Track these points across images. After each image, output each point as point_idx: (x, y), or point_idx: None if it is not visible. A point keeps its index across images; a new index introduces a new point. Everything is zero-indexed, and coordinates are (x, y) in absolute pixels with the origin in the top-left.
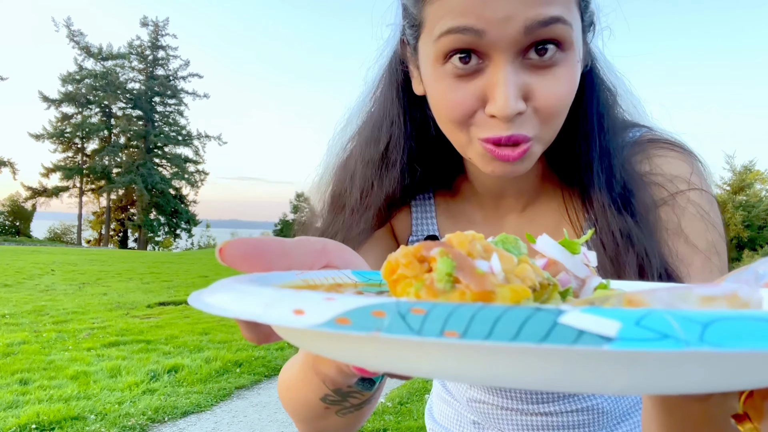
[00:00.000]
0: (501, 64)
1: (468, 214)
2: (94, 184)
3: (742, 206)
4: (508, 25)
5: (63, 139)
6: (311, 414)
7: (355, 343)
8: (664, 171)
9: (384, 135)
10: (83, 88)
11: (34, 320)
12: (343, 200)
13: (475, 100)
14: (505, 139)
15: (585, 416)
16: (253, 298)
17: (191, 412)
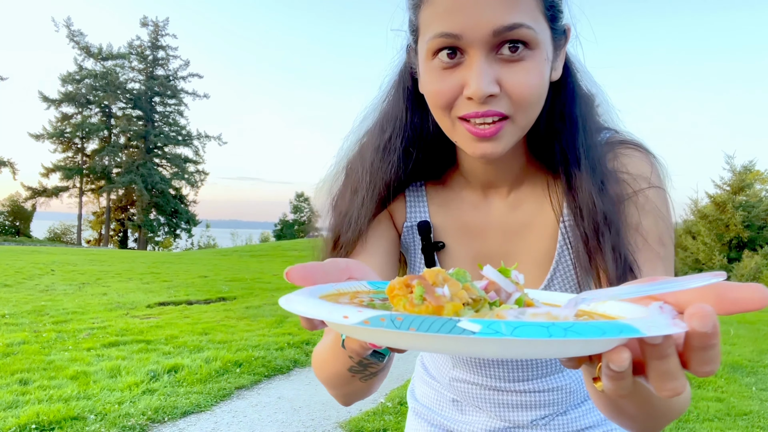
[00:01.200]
0: (476, 57)
1: (457, 200)
2: (94, 184)
3: (742, 206)
4: (479, 30)
5: (63, 139)
6: (341, 381)
7: (371, 332)
8: (630, 169)
9: (389, 126)
10: (83, 88)
11: (34, 320)
12: (356, 177)
13: (456, 87)
14: (482, 113)
15: (555, 395)
16: (321, 307)
17: (191, 412)
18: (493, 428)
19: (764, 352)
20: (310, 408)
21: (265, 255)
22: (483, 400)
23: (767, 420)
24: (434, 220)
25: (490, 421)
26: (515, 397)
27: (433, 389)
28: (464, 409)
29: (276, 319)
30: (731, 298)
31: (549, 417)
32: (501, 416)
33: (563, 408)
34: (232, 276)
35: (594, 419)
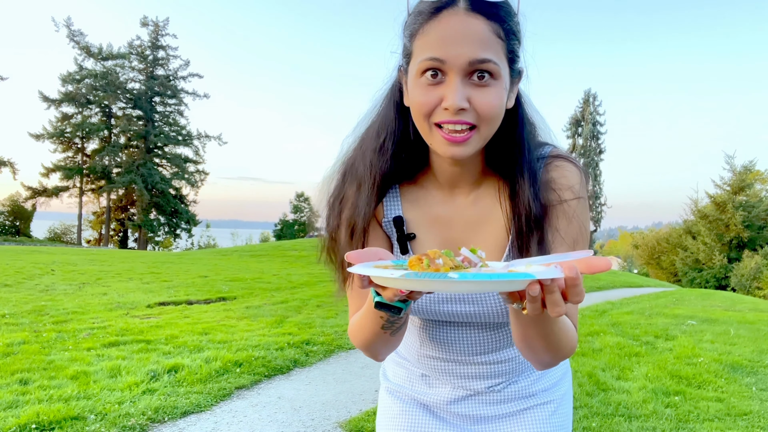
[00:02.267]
0: (453, 79)
1: (427, 197)
2: (94, 184)
3: (742, 206)
4: (459, 59)
5: (63, 139)
6: (376, 338)
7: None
8: (562, 180)
9: (383, 132)
10: (83, 88)
11: (34, 320)
12: (359, 174)
13: (437, 100)
14: (455, 121)
15: (507, 365)
16: (380, 272)
17: (191, 412)
18: (455, 397)
19: (764, 352)
20: (310, 408)
21: (265, 255)
22: (447, 372)
23: (767, 420)
24: (407, 215)
25: (454, 391)
26: (474, 368)
27: (404, 368)
28: (431, 382)
29: (276, 319)
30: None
31: (502, 384)
32: (462, 386)
33: (514, 377)
34: (232, 276)
35: (539, 387)
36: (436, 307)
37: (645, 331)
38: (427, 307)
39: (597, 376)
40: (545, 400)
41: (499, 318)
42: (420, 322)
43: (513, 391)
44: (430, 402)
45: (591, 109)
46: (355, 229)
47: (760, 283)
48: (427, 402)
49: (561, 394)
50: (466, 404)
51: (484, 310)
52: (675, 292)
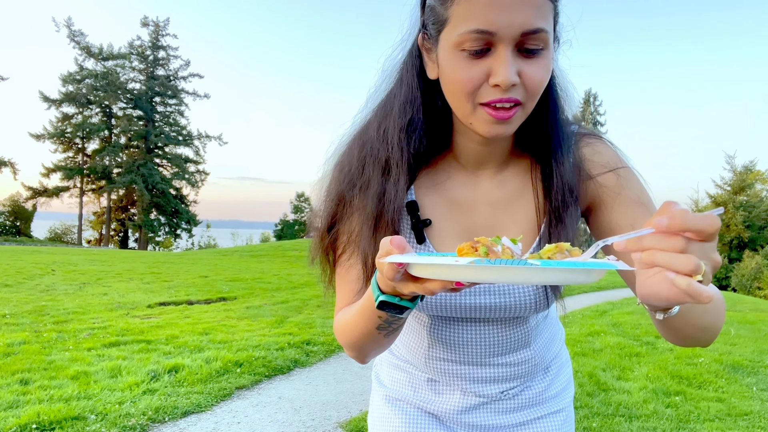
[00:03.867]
0: (504, 51)
1: (445, 180)
2: (94, 184)
3: (743, 206)
4: (511, 30)
5: (63, 139)
6: (367, 339)
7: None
8: (596, 157)
9: (409, 108)
10: (84, 88)
11: (35, 320)
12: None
13: (482, 75)
14: (506, 99)
15: (522, 367)
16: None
17: (191, 412)
18: (466, 405)
19: (765, 352)
20: (311, 408)
21: (266, 255)
22: (459, 376)
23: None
24: (421, 200)
25: (464, 399)
26: (489, 370)
27: (405, 372)
28: (439, 389)
29: (276, 319)
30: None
31: (516, 389)
32: (475, 391)
33: (529, 379)
34: (233, 276)
35: (551, 393)
36: (457, 301)
37: (646, 331)
38: (445, 302)
39: (597, 376)
40: (556, 409)
41: (527, 311)
42: (429, 321)
43: (526, 398)
44: (438, 411)
45: (591, 109)
46: (382, 220)
47: (760, 283)
48: (435, 411)
49: (568, 401)
50: (478, 413)
51: (513, 302)
52: None
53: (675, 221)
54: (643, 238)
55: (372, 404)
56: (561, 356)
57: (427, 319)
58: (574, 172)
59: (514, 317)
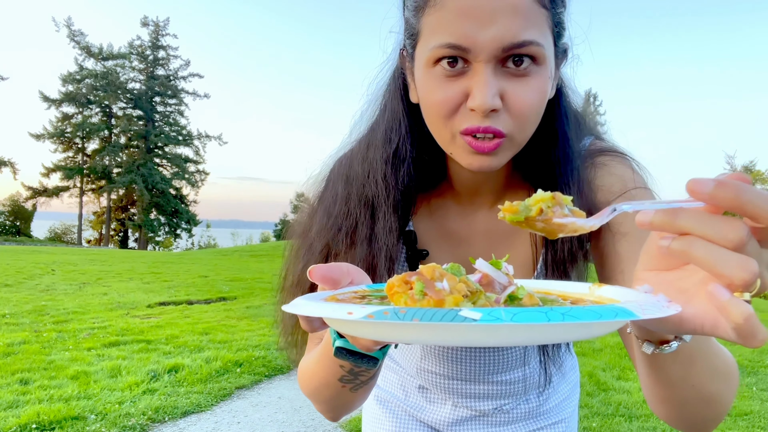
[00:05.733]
0: (482, 68)
1: (442, 210)
2: (94, 184)
3: None
4: (489, 45)
5: (63, 139)
6: (330, 393)
7: (375, 326)
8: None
9: (394, 135)
10: (84, 88)
11: (35, 320)
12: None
13: (459, 96)
14: (483, 129)
15: (518, 385)
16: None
17: (191, 412)
18: (458, 417)
19: (764, 352)
20: (311, 408)
21: (266, 255)
22: (450, 390)
23: (767, 420)
24: (418, 229)
25: (456, 411)
26: (482, 387)
27: (398, 375)
28: (431, 397)
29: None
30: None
31: (510, 405)
32: (467, 405)
33: (524, 396)
34: (233, 276)
35: (550, 405)
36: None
37: None
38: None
39: (597, 376)
40: (555, 420)
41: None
42: None
43: (522, 411)
44: (428, 419)
45: (591, 109)
46: (377, 269)
47: None
48: (425, 419)
49: (571, 410)
50: (470, 426)
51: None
52: None
53: (726, 190)
54: (682, 213)
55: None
56: (565, 365)
57: None
58: (583, 202)
59: None
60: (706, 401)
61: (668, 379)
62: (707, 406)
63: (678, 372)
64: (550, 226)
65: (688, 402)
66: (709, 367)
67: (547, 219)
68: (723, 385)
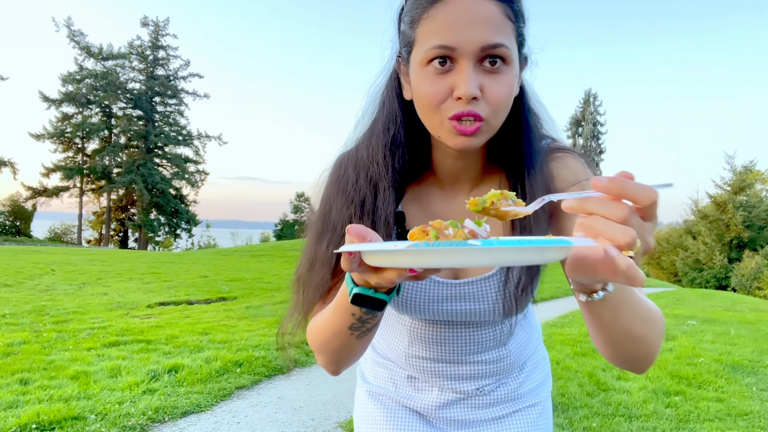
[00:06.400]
0: (465, 65)
1: (427, 195)
2: (94, 184)
3: (743, 206)
4: (471, 45)
5: (63, 139)
6: (339, 342)
7: (415, 253)
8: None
9: (392, 125)
10: (83, 88)
11: (35, 320)
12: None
13: (447, 90)
14: (467, 113)
15: (498, 365)
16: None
17: (191, 412)
18: (444, 401)
19: (764, 352)
20: (311, 408)
21: (266, 255)
22: (436, 374)
23: (767, 420)
24: (407, 211)
25: (442, 395)
26: (466, 368)
27: (387, 369)
28: (418, 385)
29: (276, 319)
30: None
31: (491, 386)
32: (452, 387)
33: (504, 376)
34: (233, 276)
35: (526, 388)
36: (436, 306)
37: None
38: (426, 307)
39: (597, 376)
40: (531, 403)
41: (500, 316)
42: (410, 322)
43: (501, 393)
44: (417, 406)
45: (591, 109)
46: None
47: (760, 284)
48: (415, 406)
49: (545, 395)
50: (455, 409)
51: (486, 308)
52: (675, 293)
53: (614, 184)
54: (589, 200)
55: (356, 399)
56: (537, 354)
57: (408, 320)
58: (544, 187)
59: (492, 320)
60: (635, 340)
61: (602, 322)
62: (637, 344)
63: (609, 316)
64: (499, 212)
65: (620, 341)
66: (633, 312)
67: (497, 208)
68: (647, 327)
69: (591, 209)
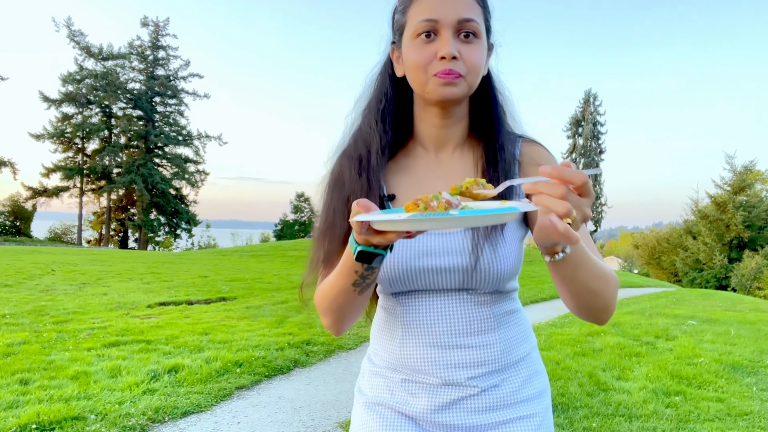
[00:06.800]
0: (446, 33)
1: (409, 161)
2: (94, 184)
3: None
4: (450, 18)
5: (63, 139)
6: (344, 299)
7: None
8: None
9: (383, 98)
10: (83, 88)
11: (35, 320)
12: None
13: (432, 54)
14: (448, 70)
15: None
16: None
17: (191, 412)
18: (438, 404)
19: (765, 352)
20: (311, 408)
21: (266, 255)
22: (429, 361)
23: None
24: (389, 181)
25: (435, 396)
26: (456, 353)
27: (382, 377)
28: (412, 390)
29: (276, 319)
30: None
31: (484, 376)
32: (443, 376)
33: (496, 366)
34: (233, 276)
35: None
36: (415, 262)
37: (645, 331)
38: (407, 262)
39: (597, 376)
40: (530, 413)
41: (472, 271)
42: (402, 309)
43: (498, 396)
44: (412, 412)
45: (591, 109)
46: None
47: (760, 284)
48: (410, 412)
49: (544, 407)
50: (449, 413)
51: (459, 262)
52: (675, 293)
53: (555, 171)
54: (539, 184)
55: (353, 415)
56: (533, 360)
57: (400, 308)
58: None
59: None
60: (593, 294)
61: (565, 278)
62: (595, 297)
63: (569, 274)
64: (472, 195)
65: (581, 294)
66: (588, 272)
67: (470, 191)
68: (601, 284)
69: (540, 190)
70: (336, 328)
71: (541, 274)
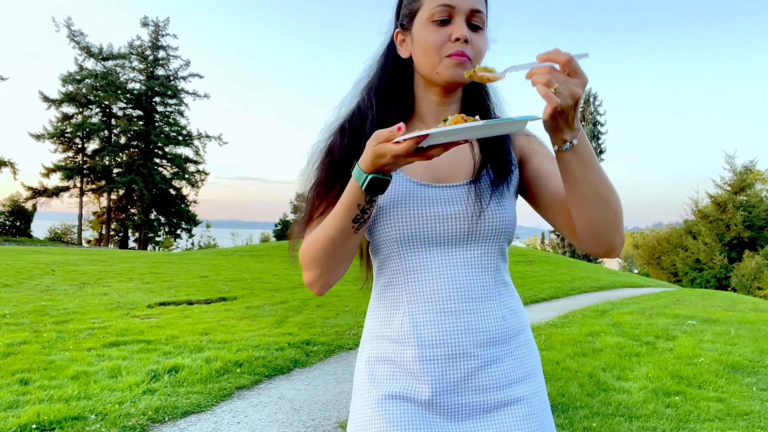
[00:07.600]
0: (459, 19)
1: None
2: (94, 184)
3: (743, 206)
4: (464, 5)
5: (63, 139)
6: (339, 240)
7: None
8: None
9: (384, 77)
10: (84, 88)
11: (35, 320)
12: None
13: (446, 37)
14: (460, 52)
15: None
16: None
17: (191, 412)
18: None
19: (765, 352)
20: (310, 408)
21: (266, 255)
22: (437, 327)
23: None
24: None
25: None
26: (462, 319)
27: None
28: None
29: (276, 319)
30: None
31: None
32: (451, 344)
33: (498, 335)
34: (233, 276)
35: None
36: (423, 209)
37: (645, 331)
38: (415, 209)
39: (597, 376)
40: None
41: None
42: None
43: (496, 373)
44: (414, 394)
45: (591, 109)
46: None
47: (760, 283)
48: (412, 395)
49: (537, 387)
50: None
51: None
52: (675, 292)
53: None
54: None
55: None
56: (527, 338)
57: (404, 275)
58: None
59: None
60: (604, 202)
61: (576, 177)
62: (606, 207)
63: (579, 170)
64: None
65: (592, 201)
66: (596, 173)
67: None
68: (609, 191)
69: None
70: (322, 281)
71: (541, 274)
